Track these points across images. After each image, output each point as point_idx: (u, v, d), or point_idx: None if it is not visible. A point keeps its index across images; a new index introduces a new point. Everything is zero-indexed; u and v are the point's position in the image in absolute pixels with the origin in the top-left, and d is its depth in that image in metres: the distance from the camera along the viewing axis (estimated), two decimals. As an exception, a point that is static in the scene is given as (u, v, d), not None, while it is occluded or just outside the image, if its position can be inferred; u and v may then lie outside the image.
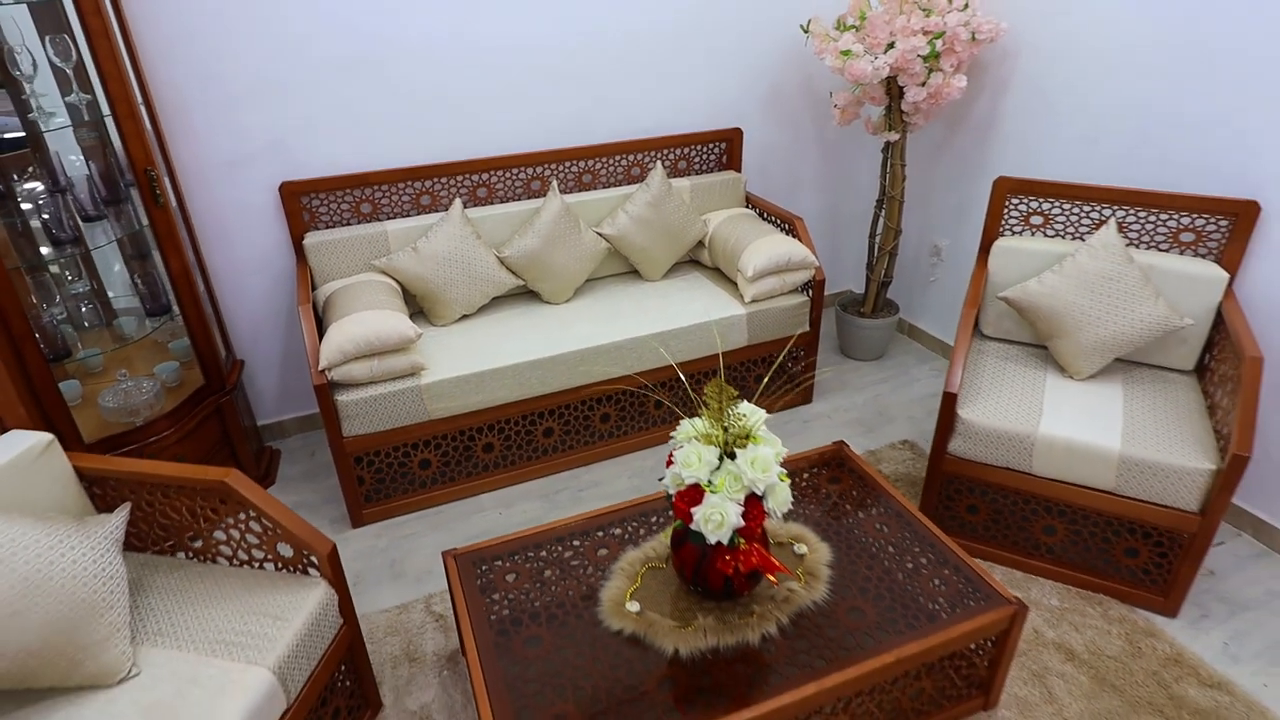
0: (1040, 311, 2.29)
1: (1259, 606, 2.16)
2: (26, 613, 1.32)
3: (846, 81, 2.93)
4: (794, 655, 1.62)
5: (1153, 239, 2.34)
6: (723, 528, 1.52)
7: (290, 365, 2.93)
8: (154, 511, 1.69)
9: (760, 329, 2.83)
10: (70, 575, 1.38)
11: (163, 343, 2.69)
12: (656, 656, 1.63)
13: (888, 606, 1.74)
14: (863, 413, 3.06)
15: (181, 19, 2.34)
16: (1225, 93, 2.21)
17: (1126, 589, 2.13)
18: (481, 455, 2.62)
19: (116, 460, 1.65)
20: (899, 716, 1.77)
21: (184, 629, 1.53)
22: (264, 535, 1.66)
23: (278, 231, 2.71)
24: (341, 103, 2.61)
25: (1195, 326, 2.23)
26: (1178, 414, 2.11)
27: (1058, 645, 2.03)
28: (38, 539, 1.38)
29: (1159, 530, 2.04)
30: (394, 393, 2.37)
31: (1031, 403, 2.17)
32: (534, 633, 1.70)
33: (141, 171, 2.17)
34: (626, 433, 2.82)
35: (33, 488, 1.54)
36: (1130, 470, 1.99)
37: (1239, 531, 2.42)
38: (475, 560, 1.89)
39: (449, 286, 2.66)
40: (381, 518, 2.54)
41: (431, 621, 2.15)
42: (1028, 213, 2.48)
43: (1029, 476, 2.12)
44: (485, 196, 2.91)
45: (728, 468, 1.55)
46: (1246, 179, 2.21)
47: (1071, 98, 2.64)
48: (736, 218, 3.02)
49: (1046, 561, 2.22)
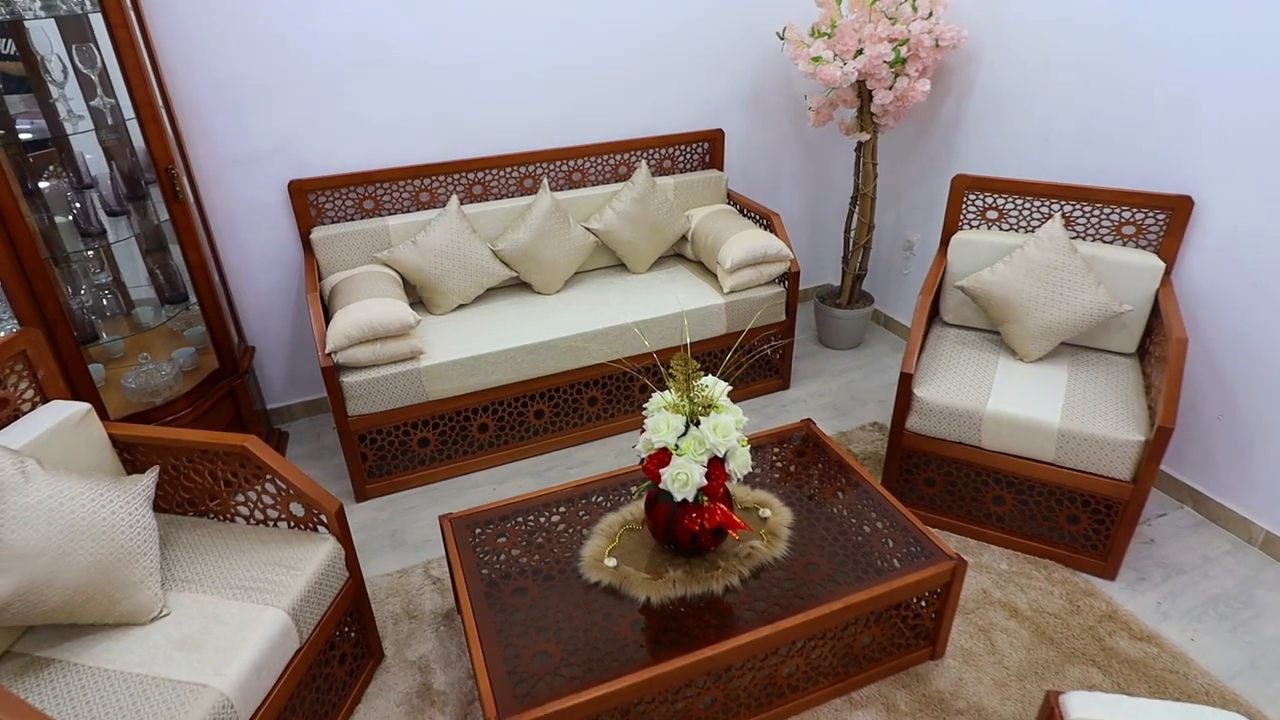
0: (992, 299, 2.47)
1: (1192, 570, 2.34)
2: (74, 554, 1.50)
3: (820, 85, 3.11)
4: (753, 603, 1.81)
5: (1098, 232, 2.52)
6: (688, 486, 1.71)
7: (297, 352, 3.12)
8: (179, 475, 1.88)
9: (738, 318, 3.02)
10: (110, 524, 1.57)
11: (177, 331, 2.87)
12: (630, 604, 1.82)
13: (841, 562, 1.92)
14: (836, 397, 3.24)
15: (198, 29, 2.53)
16: (1162, 97, 2.39)
17: (1069, 554, 2.32)
18: (477, 435, 2.81)
19: (146, 428, 1.84)
20: (852, 662, 1.95)
21: (207, 576, 1.72)
22: (278, 496, 1.84)
23: (286, 226, 2.90)
24: (346, 106, 2.80)
25: (1135, 312, 2.41)
26: (1116, 392, 2.29)
27: (1003, 604, 2.21)
28: (82, 492, 1.57)
29: (1097, 498, 2.22)
30: (395, 375, 2.55)
31: (982, 383, 2.35)
32: (521, 585, 1.88)
33: (163, 170, 2.36)
34: (613, 415, 3.00)
35: (73, 451, 1.72)
36: (1068, 443, 2.17)
37: (1180, 504, 2.60)
38: (469, 524, 2.08)
39: (446, 277, 2.85)
40: (383, 493, 2.73)
41: (429, 584, 2.34)
42: (984, 208, 2.66)
43: (979, 450, 2.31)
44: (480, 194, 3.09)
45: (693, 434, 1.74)
46: (1182, 176, 2.39)
47: (1027, 100, 2.82)
48: (718, 214, 3.21)
49: (997, 529, 2.40)
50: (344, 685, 1.92)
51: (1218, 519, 2.50)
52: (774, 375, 3.27)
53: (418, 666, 2.07)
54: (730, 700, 1.82)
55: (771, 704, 1.88)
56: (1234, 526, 2.46)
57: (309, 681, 1.77)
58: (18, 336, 1.73)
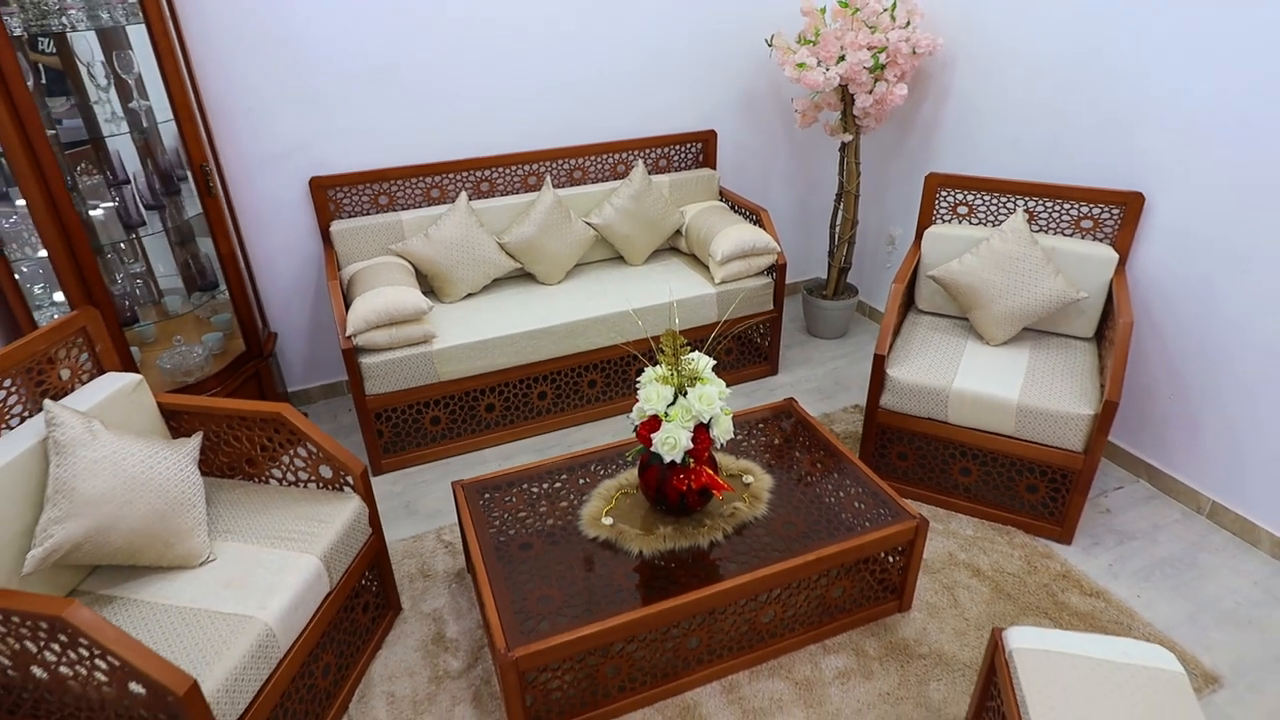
0: (960, 287, 2.68)
1: (1143, 537, 2.54)
2: (134, 502, 1.71)
3: (805, 89, 3.32)
4: (735, 555, 2.02)
5: (1059, 225, 2.73)
6: (676, 449, 1.91)
7: (316, 339, 3.33)
8: (219, 441, 2.09)
9: (728, 306, 3.22)
10: (164, 478, 1.78)
11: (204, 318, 3.08)
12: (625, 557, 2.02)
13: (815, 521, 2.13)
14: (822, 383, 3.45)
15: (227, 38, 2.74)
16: (1117, 102, 2.60)
17: (1029, 520, 2.52)
18: (484, 414, 3.01)
19: (190, 397, 2.05)
20: (826, 612, 2.16)
21: (248, 528, 1.93)
22: (308, 459, 2.05)
23: (307, 220, 3.11)
24: (363, 109, 3.01)
25: (1091, 299, 2.61)
26: (1072, 372, 2.49)
27: (967, 565, 2.42)
28: (140, 449, 1.78)
29: (1053, 468, 2.42)
30: (409, 357, 2.76)
31: (949, 363, 2.56)
32: (526, 540, 2.09)
33: (198, 167, 2.57)
34: (612, 397, 3.21)
35: (127, 417, 1.93)
36: (1026, 417, 2.38)
37: (1136, 478, 2.80)
38: (479, 489, 2.29)
39: (456, 268, 3.06)
40: (398, 467, 2.93)
41: (441, 548, 2.55)
42: (955, 204, 2.87)
43: (946, 425, 2.51)
44: (487, 190, 3.30)
45: (680, 402, 1.95)
46: (1135, 174, 2.60)
47: (998, 104, 3.03)
48: (710, 209, 3.41)
49: (963, 499, 2.60)
50: (367, 631, 2.13)
51: (1169, 491, 2.70)
52: (763, 361, 3.48)
53: (432, 618, 2.28)
54: (715, 643, 2.03)
55: (753, 648, 2.08)
56: (1184, 497, 2.66)
57: (337, 623, 1.98)
58: (78, 315, 1.94)
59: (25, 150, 2.12)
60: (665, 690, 2.00)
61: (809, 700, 2.00)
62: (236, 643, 1.61)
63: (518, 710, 1.80)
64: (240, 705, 1.59)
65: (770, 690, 2.03)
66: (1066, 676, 1.60)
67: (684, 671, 2.02)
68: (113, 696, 1.49)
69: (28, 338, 1.80)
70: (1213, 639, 2.17)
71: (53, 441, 1.68)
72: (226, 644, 1.61)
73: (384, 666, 2.13)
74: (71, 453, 1.68)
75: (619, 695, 1.96)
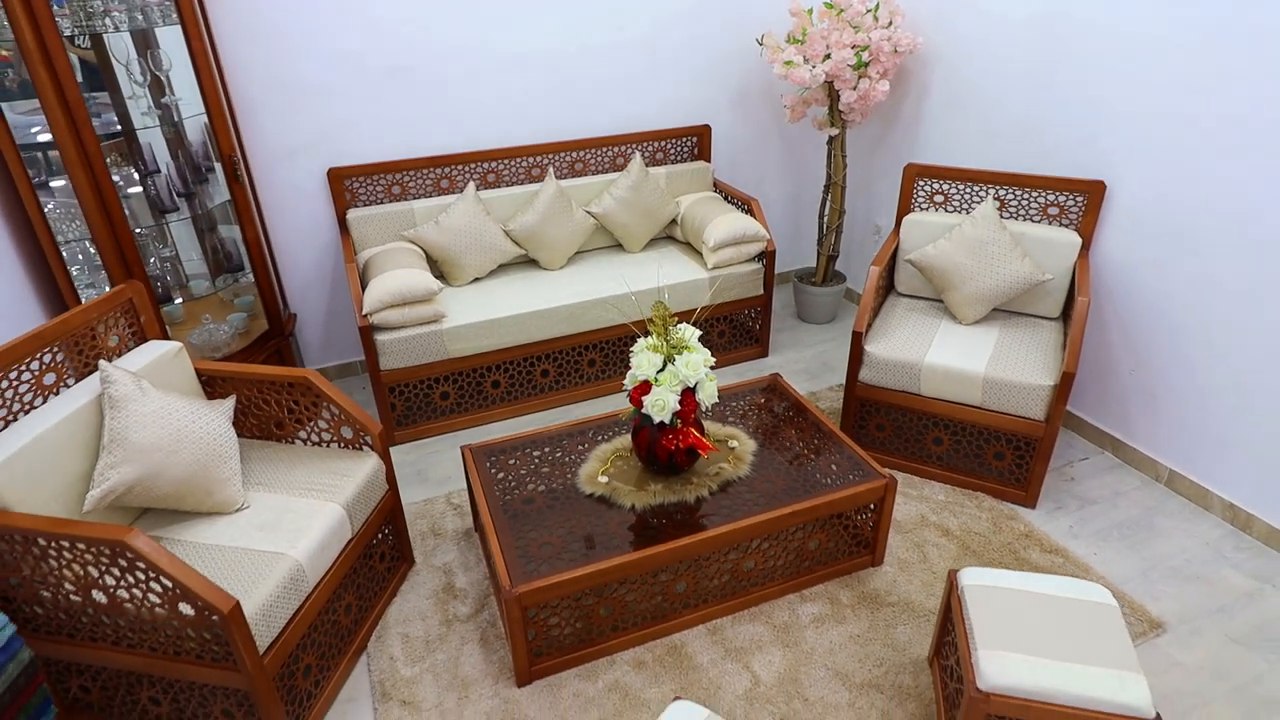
0: (934, 270, 2.87)
1: (1103, 502, 2.73)
2: (179, 452, 1.92)
3: (794, 85, 3.51)
4: (718, 509, 2.21)
5: (1028, 212, 2.91)
6: (665, 410, 2.11)
7: (332, 320, 3.54)
8: (250, 405, 2.29)
9: (721, 291, 3.41)
10: (204, 432, 1.98)
11: (226, 300, 3.29)
12: (618, 510, 2.22)
13: (793, 480, 2.32)
14: (810, 364, 3.64)
15: (253, 37, 2.95)
16: (1081, 97, 2.78)
17: (997, 486, 2.71)
18: (490, 390, 3.22)
19: (224, 364, 2.25)
20: (804, 564, 2.35)
21: (278, 481, 2.13)
22: (331, 422, 2.25)
23: (325, 208, 3.31)
24: (378, 104, 3.22)
25: (1056, 281, 2.80)
26: (1037, 348, 2.68)
27: (937, 526, 2.61)
28: (183, 407, 1.98)
29: (1017, 436, 2.61)
30: (421, 335, 2.96)
31: (923, 340, 2.75)
32: (529, 495, 2.29)
33: (226, 157, 2.78)
34: (610, 376, 3.41)
35: (169, 379, 2.14)
36: (992, 388, 2.56)
37: (1101, 450, 2.99)
38: (486, 452, 2.49)
39: (464, 253, 3.26)
40: (410, 439, 3.14)
41: (451, 510, 2.75)
42: (931, 192, 3.05)
43: (919, 397, 2.70)
44: (494, 181, 3.51)
45: (669, 369, 2.14)
46: (1097, 164, 2.78)
47: (974, 99, 3.22)
48: (704, 200, 3.61)
49: (936, 466, 2.79)
50: (384, 579, 2.33)
51: (1131, 461, 2.89)
52: (754, 344, 3.67)
53: (442, 570, 2.48)
54: (701, 590, 2.22)
55: (736, 595, 2.28)
56: (1144, 466, 2.84)
57: (358, 568, 2.18)
58: (125, 288, 2.15)
59: (74, 140, 2.33)
60: (655, 631, 2.20)
61: (786, 641, 2.19)
62: (271, 575, 1.82)
63: (521, 643, 2.00)
64: (274, 630, 1.79)
65: (751, 632, 2.23)
66: (1009, 606, 1.79)
67: (672, 615, 2.22)
68: (164, 618, 1.70)
69: (84, 306, 2.01)
70: (1161, 591, 2.36)
71: (107, 397, 1.89)
72: (262, 576, 1.81)
73: (399, 611, 2.33)
74: (124, 407, 1.88)
75: (612, 635, 2.16)
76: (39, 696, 1.23)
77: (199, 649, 1.73)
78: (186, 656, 1.76)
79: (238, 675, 1.73)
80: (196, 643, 1.72)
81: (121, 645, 1.79)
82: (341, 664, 2.10)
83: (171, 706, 1.89)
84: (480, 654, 2.18)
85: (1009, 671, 1.65)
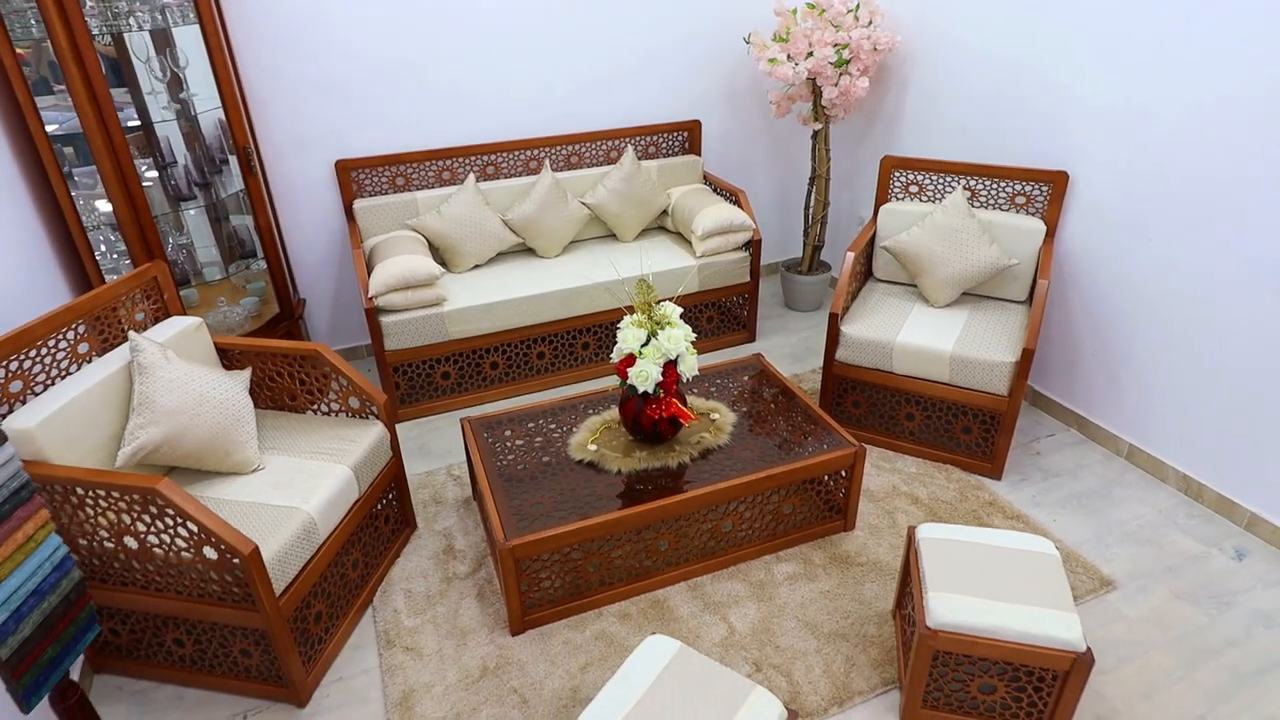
0: (908, 256, 3.03)
1: (1066, 474, 2.89)
2: (202, 415, 2.09)
3: (779, 82, 3.67)
4: (699, 474, 2.38)
5: (997, 201, 3.08)
6: (648, 381, 2.28)
7: (338, 306, 3.71)
8: (264, 378, 2.47)
9: (709, 278, 3.58)
10: (223, 398, 2.16)
11: (238, 286, 3.47)
12: (606, 475, 2.39)
13: (769, 448, 2.49)
14: (795, 349, 3.81)
15: (265, 35, 3.12)
16: (1049, 90, 2.95)
17: (965, 459, 2.87)
18: (489, 371, 3.39)
19: (240, 338, 2.43)
20: (779, 527, 2.52)
21: (291, 445, 2.31)
22: (340, 393, 2.43)
23: (332, 198, 3.49)
24: (384, 100, 3.39)
25: (1022, 266, 2.96)
26: (1003, 329, 2.84)
27: (907, 495, 2.77)
28: (204, 375, 2.16)
29: (983, 411, 2.77)
30: (423, 317, 3.13)
31: (896, 321, 2.91)
32: (523, 461, 2.46)
33: (241, 148, 2.95)
34: (603, 359, 3.58)
35: (190, 352, 2.31)
36: (959, 365, 2.73)
37: (1067, 427, 3.15)
38: (484, 424, 2.66)
39: (464, 241, 3.43)
40: (412, 417, 3.31)
41: (451, 480, 2.92)
42: (907, 183, 3.22)
43: (891, 375, 2.87)
44: (493, 173, 3.68)
45: (653, 343, 2.31)
46: (1062, 155, 2.94)
47: (950, 94, 3.38)
48: (693, 191, 3.78)
49: (909, 441, 2.96)
50: (388, 540, 2.51)
51: (1094, 437, 3.05)
52: (742, 330, 3.84)
53: (442, 534, 2.65)
54: (683, 549, 2.39)
55: (715, 555, 2.45)
56: (1106, 442, 3.01)
57: (364, 527, 2.35)
58: (150, 267, 2.33)
59: (102, 131, 2.51)
60: (640, 587, 2.37)
61: (761, 597, 2.36)
62: (286, 526, 1.99)
63: (515, 593, 2.17)
64: (289, 575, 1.97)
65: (729, 589, 2.40)
66: (960, 556, 1.96)
67: (656, 573, 2.39)
68: (189, 561, 1.87)
69: (114, 283, 2.19)
70: (1114, 553, 2.52)
71: (136, 364, 2.06)
72: (278, 526, 1.99)
73: (402, 570, 2.50)
74: (152, 373, 2.06)
75: (600, 589, 2.33)
76: (86, 613, 1.40)
77: (221, 591, 1.91)
78: (209, 599, 1.93)
79: (256, 615, 1.91)
80: (219, 585, 1.90)
81: (150, 589, 1.97)
82: (349, 614, 2.27)
83: (195, 647, 2.06)
84: (477, 607, 2.35)
85: (956, 610, 1.82)
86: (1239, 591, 2.36)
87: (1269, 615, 2.28)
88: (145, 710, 2.08)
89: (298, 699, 2.05)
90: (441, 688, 2.10)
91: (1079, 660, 1.75)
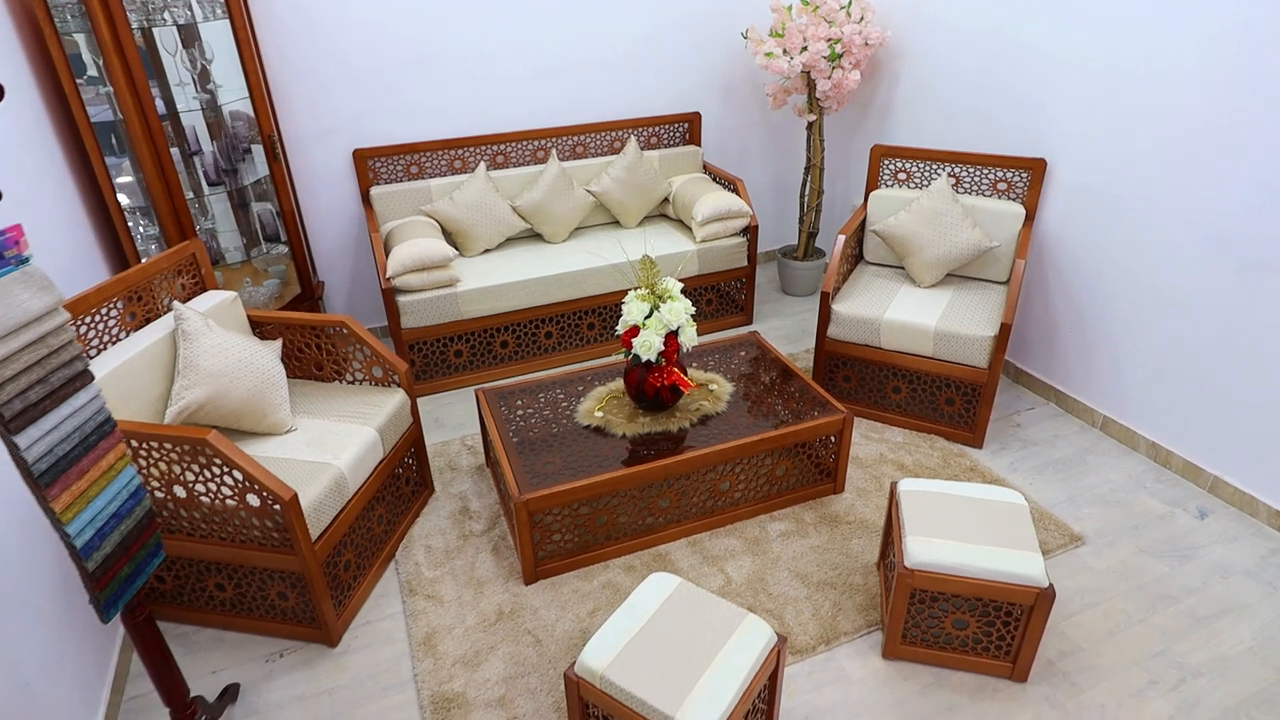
0: (895, 239, 3.21)
1: (1043, 444, 3.08)
2: (240, 378, 2.27)
3: (774, 75, 3.85)
4: (698, 438, 2.56)
5: (979, 187, 3.26)
6: (651, 350, 2.46)
7: (356, 288, 3.89)
8: (293, 350, 2.65)
9: (708, 262, 3.76)
10: (259, 364, 2.34)
11: (259, 269, 3.65)
12: (612, 438, 2.57)
13: (764, 415, 2.67)
14: (790, 330, 3.99)
15: (289, 31, 3.30)
16: (1027, 84, 3.13)
17: (949, 430, 3.06)
18: (499, 350, 3.57)
19: (272, 311, 2.61)
20: (773, 489, 2.70)
21: (321, 409, 2.49)
22: (364, 362, 2.61)
23: (350, 185, 3.67)
24: (400, 92, 3.57)
25: (1003, 248, 3.14)
26: (984, 307, 3.02)
27: (894, 462, 2.95)
28: (241, 343, 2.34)
29: (964, 383, 2.96)
30: (437, 297, 3.32)
31: (884, 300, 3.09)
32: (534, 426, 2.65)
33: (266, 137, 3.13)
34: (608, 339, 3.76)
35: (226, 323, 2.49)
36: (942, 340, 2.91)
37: (1046, 400, 3.34)
38: (497, 395, 2.84)
39: (476, 226, 3.61)
40: (427, 392, 3.49)
41: (465, 450, 3.11)
42: (895, 170, 3.40)
43: (879, 350, 3.05)
44: (503, 161, 3.86)
45: (655, 315, 2.49)
46: (1040, 143, 3.12)
47: (936, 86, 3.56)
48: (694, 180, 3.96)
49: (896, 413, 3.14)
50: (408, 501, 2.69)
51: (1072, 410, 3.23)
52: (740, 312, 4.02)
53: (458, 497, 2.84)
54: (683, 508, 2.58)
55: (713, 514, 2.63)
56: (1082, 414, 3.19)
57: (387, 486, 2.54)
58: (188, 245, 2.51)
59: (140, 119, 2.69)
60: (643, 543, 2.55)
61: (755, 551, 2.55)
62: (320, 479, 2.17)
63: (528, 545, 2.36)
64: (323, 523, 2.15)
65: (726, 544, 2.58)
66: (937, 505, 2.14)
67: (658, 529, 2.57)
68: (233, 509, 2.05)
69: (157, 257, 2.37)
70: (1084, 513, 2.71)
71: (181, 331, 2.25)
72: (313, 479, 2.17)
73: (421, 529, 2.69)
74: (195, 339, 2.24)
75: (606, 543, 2.51)
76: (155, 538, 1.58)
77: (261, 537, 2.09)
78: (250, 544, 2.11)
79: (293, 559, 2.09)
80: (260, 531, 2.08)
81: (195, 536, 2.15)
82: (375, 565, 2.46)
83: (235, 591, 2.25)
84: (493, 560, 2.53)
85: (931, 551, 2.00)
86: (1200, 546, 2.55)
87: (1226, 566, 2.46)
88: (189, 651, 2.27)
89: (329, 639, 2.23)
90: (461, 629, 2.28)
91: (1042, 595, 1.93)
